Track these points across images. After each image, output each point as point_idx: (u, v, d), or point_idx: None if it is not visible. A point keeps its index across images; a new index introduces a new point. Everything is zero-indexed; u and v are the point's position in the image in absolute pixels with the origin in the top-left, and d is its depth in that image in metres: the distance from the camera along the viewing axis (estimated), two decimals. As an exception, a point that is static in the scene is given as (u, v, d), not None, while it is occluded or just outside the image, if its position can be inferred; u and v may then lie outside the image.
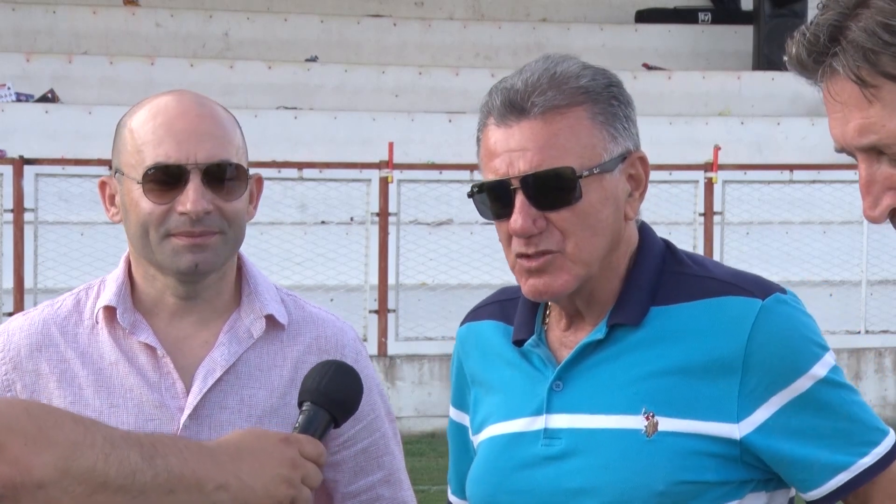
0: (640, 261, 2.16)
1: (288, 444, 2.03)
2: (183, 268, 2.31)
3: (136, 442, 1.89)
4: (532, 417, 2.16)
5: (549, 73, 2.12)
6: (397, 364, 11.86)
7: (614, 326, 2.13)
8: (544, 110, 2.09)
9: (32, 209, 11.50)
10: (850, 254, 13.28)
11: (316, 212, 13.08)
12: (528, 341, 2.20)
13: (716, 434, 2.08)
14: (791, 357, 2.08)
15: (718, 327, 2.09)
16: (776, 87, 16.98)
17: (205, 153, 2.29)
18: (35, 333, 2.38)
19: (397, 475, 2.48)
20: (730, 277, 2.14)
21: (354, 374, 2.19)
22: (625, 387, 2.11)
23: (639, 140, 2.17)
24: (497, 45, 17.25)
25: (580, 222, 2.09)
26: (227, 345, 2.35)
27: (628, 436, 2.09)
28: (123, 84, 15.02)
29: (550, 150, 2.08)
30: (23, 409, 1.84)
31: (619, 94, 2.14)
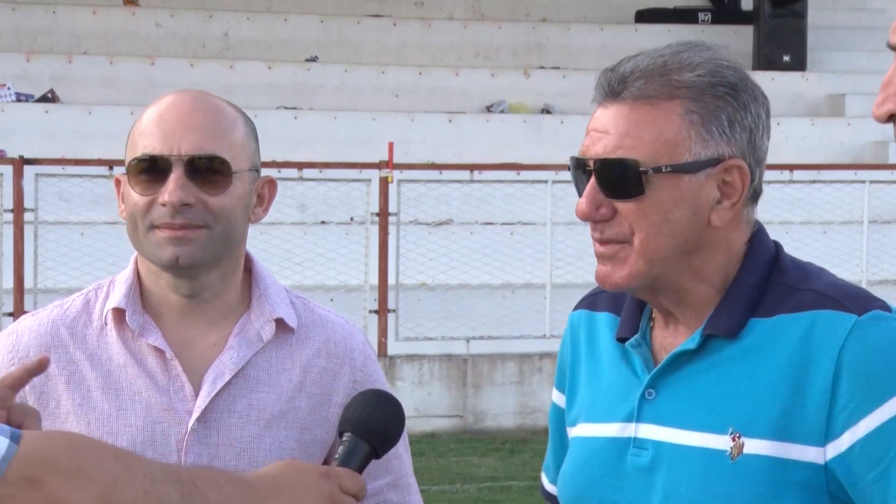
0: (746, 269, 2.07)
1: (328, 479, 1.99)
2: (164, 260, 2.29)
3: (176, 478, 1.86)
4: (624, 424, 2.11)
5: (662, 60, 2.05)
6: (397, 364, 11.86)
7: (709, 337, 2.06)
8: (635, 97, 2.03)
9: (32, 209, 11.50)
10: (850, 254, 13.27)
11: (316, 212, 13.07)
12: (630, 340, 2.14)
13: (801, 458, 1.99)
14: (884, 377, 1.97)
15: (810, 342, 2.00)
16: (776, 87, 16.97)
17: (189, 145, 2.28)
18: (44, 334, 2.37)
19: (405, 479, 2.47)
20: (830, 290, 2.04)
21: (396, 403, 2.15)
22: (714, 402, 2.04)
23: (755, 150, 2.06)
24: (497, 45, 17.24)
25: (645, 217, 2.02)
26: (236, 348, 2.34)
27: (712, 456, 2.02)
28: (123, 84, 15.02)
29: (627, 138, 2.02)
30: (65, 444, 1.82)
31: (734, 97, 2.04)
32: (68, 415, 2.33)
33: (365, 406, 2.11)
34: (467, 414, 11.93)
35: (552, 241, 12.19)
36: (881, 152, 15.99)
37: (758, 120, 2.07)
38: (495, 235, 13.02)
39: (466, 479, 10.03)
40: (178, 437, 2.30)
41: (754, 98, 2.07)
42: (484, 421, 11.84)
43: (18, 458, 1.76)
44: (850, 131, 16.33)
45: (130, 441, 2.29)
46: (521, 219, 12.96)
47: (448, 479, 10.00)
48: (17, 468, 1.76)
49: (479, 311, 12.51)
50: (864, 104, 16.78)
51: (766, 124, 2.09)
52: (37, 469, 1.77)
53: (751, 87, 2.08)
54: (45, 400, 2.34)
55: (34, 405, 2.33)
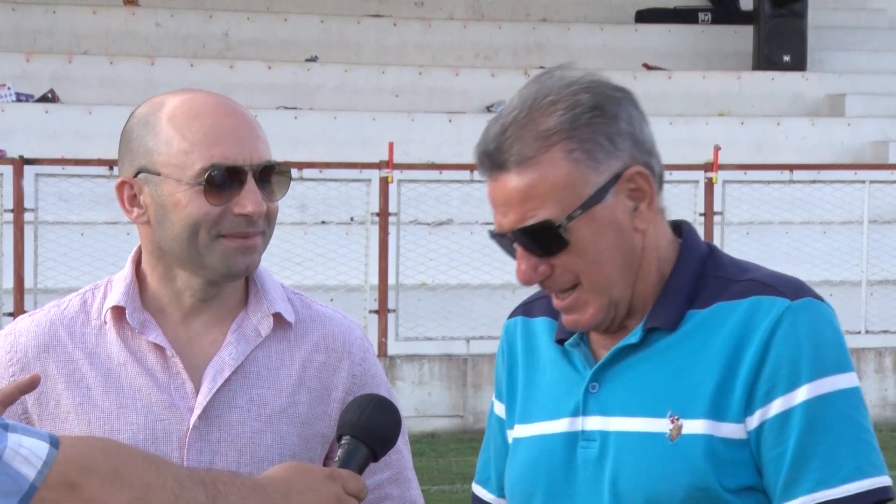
0: (679, 266, 2.14)
1: (333, 481, 2.05)
2: (235, 271, 2.29)
3: (200, 481, 1.91)
4: (571, 418, 2.16)
5: (524, 112, 2.09)
6: (397, 364, 11.86)
7: (650, 330, 2.13)
8: (516, 163, 2.08)
9: (32, 209, 11.50)
10: (850, 254, 13.28)
11: (316, 212, 13.08)
12: (568, 340, 2.20)
13: (731, 436, 2.07)
14: (804, 363, 2.05)
15: (745, 326, 2.08)
16: (776, 87, 16.98)
17: (258, 154, 2.28)
18: (42, 334, 2.36)
19: (405, 474, 2.47)
20: (767, 279, 2.12)
21: (393, 408, 2.19)
22: (654, 389, 2.11)
23: (641, 147, 2.12)
24: (497, 45, 17.24)
25: (581, 260, 2.09)
26: (235, 344, 2.34)
27: (653, 439, 2.09)
28: (123, 84, 15.02)
29: (528, 203, 2.08)
30: (99, 449, 1.86)
31: (601, 115, 2.09)
32: (68, 414, 2.32)
33: (363, 410, 2.15)
34: (467, 414, 11.93)
35: (552, 241, 12.19)
36: (881, 152, 15.99)
37: (631, 119, 2.12)
38: (495, 235, 12.99)
39: (466, 478, 10.03)
40: (180, 435, 2.30)
41: (617, 102, 2.12)
42: (484, 421, 11.81)
43: (59, 463, 1.80)
44: (850, 131, 16.33)
45: (132, 439, 2.28)
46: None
47: (448, 479, 10.00)
48: (58, 472, 1.80)
49: (480, 311, 12.51)
50: (864, 104, 16.79)
51: (638, 116, 2.14)
52: (75, 473, 1.81)
53: (609, 94, 2.12)
54: (44, 400, 2.33)
55: (33, 406, 2.33)
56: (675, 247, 2.17)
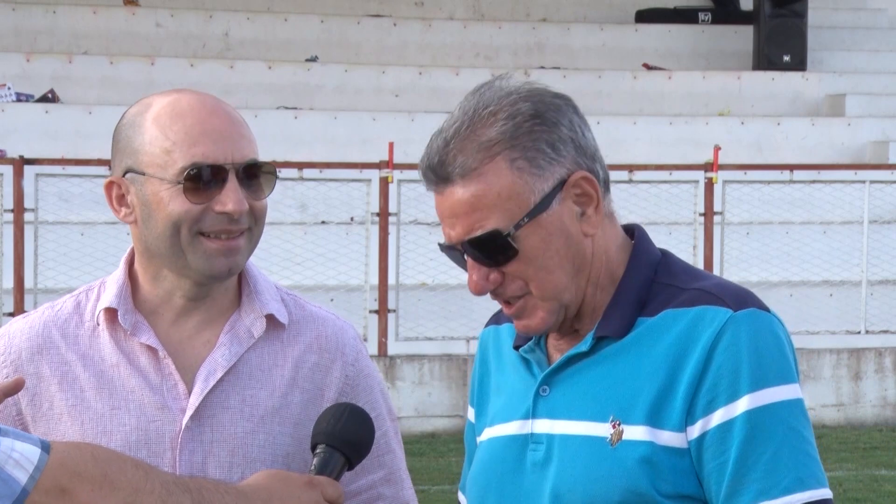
0: (630, 271, 2.16)
1: (312, 488, 2.09)
2: (216, 272, 2.30)
3: (186, 488, 1.95)
4: (522, 421, 2.19)
5: (465, 124, 2.10)
6: (397, 364, 11.87)
7: (601, 338, 2.14)
8: (461, 174, 2.10)
9: (32, 209, 11.50)
10: (850, 254, 13.27)
11: (316, 212, 13.08)
12: (524, 346, 2.22)
13: (670, 444, 2.07)
14: (745, 373, 2.05)
15: (688, 335, 2.08)
16: (776, 87, 16.98)
17: (240, 152, 2.29)
18: (35, 336, 2.36)
19: (398, 474, 2.47)
20: (713, 288, 2.12)
21: (367, 417, 2.23)
22: (598, 393, 2.12)
23: (583, 153, 2.11)
24: (497, 45, 17.24)
25: (530, 268, 2.10)
26: (227, 345, 2.34)
27: (595, 443, 2.10)
28: (124, 84, 15.02)
29: (475, 214, 2.09)
30: (89, 454, 1.88)
31: (541, 122, 2.09)
32: (62, 415, 2.32)
33: (338, 419, 2.19)
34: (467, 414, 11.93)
35: (552, 241, 12.19)
36: (881, 152, 15.99)
37: (573, 125, 2.13)
38: (495, 235, 12.99)
39: (466, 479, 10.03)
40: (172, 435, 2.30)
41: (557, 109, 2.12)
42: (484, 421, 11.84)
43: (50, 468, 1.81)
44: (850, 131, 16.32)
45: (124, 440, 2.29)
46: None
47: (448, 479, 10.00)
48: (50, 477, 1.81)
49: (480, 311, 12.50)
50: (864, 104, 16.78)
51: (579, 121, 2.14)
52: (66, 478, 1.84)
53: (549, 102, 2.12)
54: (37, 402, 2.34)
55: (27, 408, 2.34)
56: (627, 250, 2.18)
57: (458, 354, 12.12)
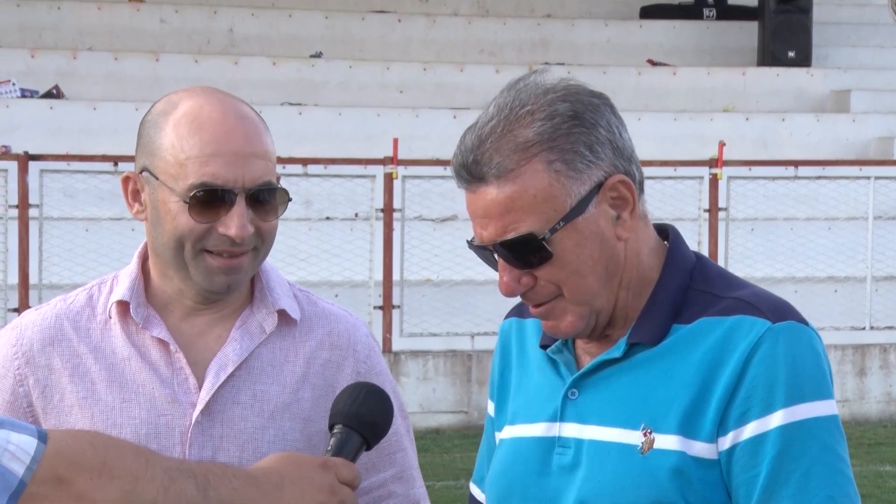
0: (665, 277, 2.12)
1: (326, 470, 2.04)
2: (215, 288, 2.30)
3: (191, 473, 1.91)
4: (549, 423, 2.15)
5: (501, 123, 2.05)
6: (402, 360, 11.87)
7: (634, 344, 2.11)
8: (496, 175, 2.05)
9: (37, 205, 11.51)
10: (855, 250, 13.26)
11: (321, 208, 13.08)
12: (551, 346, 2.18)
13: (701, 455, 2.04)
14: (781, 387, 2.02)
15: (724, 345, 2.05)
16: (781, 83, 16.96)
17: (251, 176, 2.26)
18: (48, 328, 2.37)
19: (410, 472, 2.47)
20: (751, 298, 2.08)
21: (385, 396, 2.19)
22: (630, 400, 2.09)
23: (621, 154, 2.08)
24: (502, 41, 17.24)
25: (563, 272, 2.07)
26: (239, 340, 2.35)
27: (625, 451, 2.07)
28: (128, 80, 15.02)
29: (509, 215, 2.05)
30: (87, 442, 1.86)
31: (579, 124, 2.05)
32: (72, 408, 2.33)
33: (355, 399, 2.15)
34: (472, 410, 11.93)
35: (557, 237, 12.18)
36: (886, 148, 15.98)
37: (611, 126, 2.09)
38: (500, 231, 12.98)
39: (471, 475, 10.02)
40: (182, 430, 2.30)
41: (595, 109, 2.08)
42: (488, 417, 11.84)
43: (47, 457, 1.79)
44: (855, 127, 16.31)
45: (134, 433, 2.29)
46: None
47: (452, 475, 10.01)
48: (46, 467, 1.79)
49: (484, 306, 12.50)
50: (868, 100, 16.77)
51: (616, 122, 2.10)
52: (63, 467, 1.81)
53: (587, 102, 2.08)
54: (49, 394, 2.34)
55: (38, 400, 2.34)
56: (661, 253, 2.15)
57: (462, 350, 12.12)
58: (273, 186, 2.29)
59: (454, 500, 9.23)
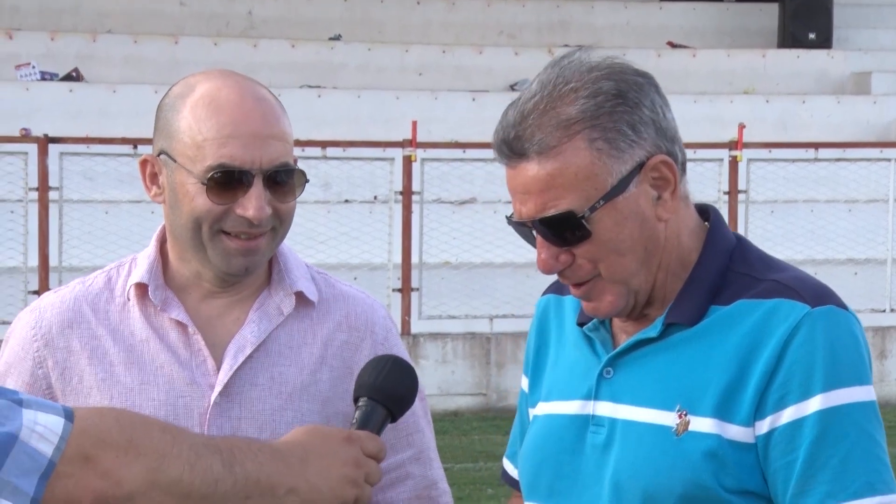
0: (704, 258, 2.11)
1: (351, 444, 2.04)
2: (233, 271, 2.31)
3: (216, 449, 1.91)
4: (584, 401, 2.15)
5: (544, 99, 2.05)
6: (421, 342, 11.88)
7: (671, 325, 2.10)
8: (538, 152, 2.04)
9: (57, 188, 11.53)
10: (875, 232, 13.22)
11: (339, 190, 13.09)
12: (588, 324, 2.18)
13: (737, 439, 2.04)
14: (819, 372, 2.01)
15: (762, 328, 2.04)
16: (801, 65, 16.90)
17: (269, 157, 2.27)
18: (66, 310, 2.38)
19: (427, 453, 2.47)
20: (791, 281, 2.07)
21: (410, 369, 2.19)
22: (666, 381, 2.08)
23: (664, 134, 2.07)
24: (521, 23, 17.20)
25: (602, 251, 2.06)
26: (257, 322, 2.35)
27: (659, 432, 2.06)
28: (148, 63, 15.04)
29: (550, 192, 2.04)
30: (113, 420, 1.86)
31: (623, 102, 2.04)
32: (91, 390, 2.34)
33: (380, 371, 2.14)
34: (490, 392, 11.94)
35: (576, 220, 12.16)
36: (907, 130, 15.91)
37: (654, 105, 2.08)
38: (519, 214, 12.97)
39: (489, 457, 10.05)
40: (201, 411, 2.31)
41: (640, 88, 2.07)
42: (507, 399, 11.85)
43: (74, 436, 1.80)
44: (876, 109, 16.24)
45: (153, 415, 2.27)
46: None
47: (471, 458, 10.02)
48: (74, 445, 1.80)
49: (503, 289, 12.51)
50: (890, 82, 16.69)
51: (660, 102, 2.09)
52: (90, 445, 1.81)
53: (631, 81, 2.07)
54: (67, 376, 2.35)
55: (57, 381, 2.35)
56: (701, 234, 2.14)
57: (481, 333, 12.13)
58: (290, 167, 2.29)
59: (473, 482, 9.24)
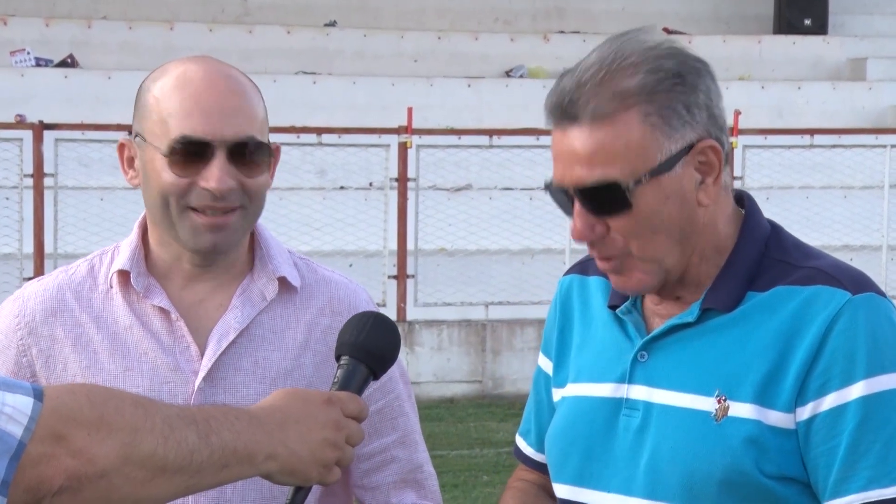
0: (741, 245, 2.11)
1: (331, 406, 2.01)
2: (201, 247, 2.31)
3: (191, 420, 1.89)
4: (616, 384, 2.15)
5: (603, 70, 2.04)
6: (416, 329, 11.88)
7: (707, 310, 2.10)
8: (591, 118, 2.04)
9: (52, 174, 11.52)
10: (870, 218, 13.23)
11: (335, 177, 13.07)
12: (621, 307, 2.18)
13: (778, 425, 2.03)
14: (862, 358, 2.01)
15: (802, 315, 2.04)
16: (797, 51, 16.89)
17: (232, 130, 2.27)
18: (49, 299, 2.38)
19: (412, 437, 2.47)
20: (830, 269, 2.08)
21: (392, 325, 2.16)
22: (704, 366, 2.08)
23: (716, 122, 2.09)
24: (517, 9, 17.18)
25: (638, 226, 2.05)
26: (240, 307, 2.36)
27: (698, 417, 2.06)
28: (143, 49, 15.01)
29: (597, 159, 2.03)
30: (84, 397, 1.83)
31: (682, 83, 2.05)
32: (75, 377, 2.34)
33: (361, 329, 2.12)
34: (486, 379, 11.95)
35: (571, 207, 12.16)
36: (903, 117, 15.90)
37: (709, 92, 2.09)
38: (514, 201, 13.00)
39: (485, 443, 10.06)
40: (185, 397, 2.32)
41: (698, 73, 2.09)
42: (503, 386, 11.86)
43: (44, 416, 1.77)
44: (872, 95, 16.24)
45: None
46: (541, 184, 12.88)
47: (467, 444, 10.03)
48: (44, 426, 1.77)
49: (498, 276, 12.51)
50: (885, 68, 16.69)
51: (716, 91, 2.11)
52: (61, 425, 1.79)
53: (691, 64, 2.09)
54: (52, 364, 2.36)
55: (41, 370, 2.36)
56: (737, 221, 2.14)
57: (476, 320, 12.13)
58: (256, 141, 2.29)
59: (468, 468, 9.25)
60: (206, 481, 1.89)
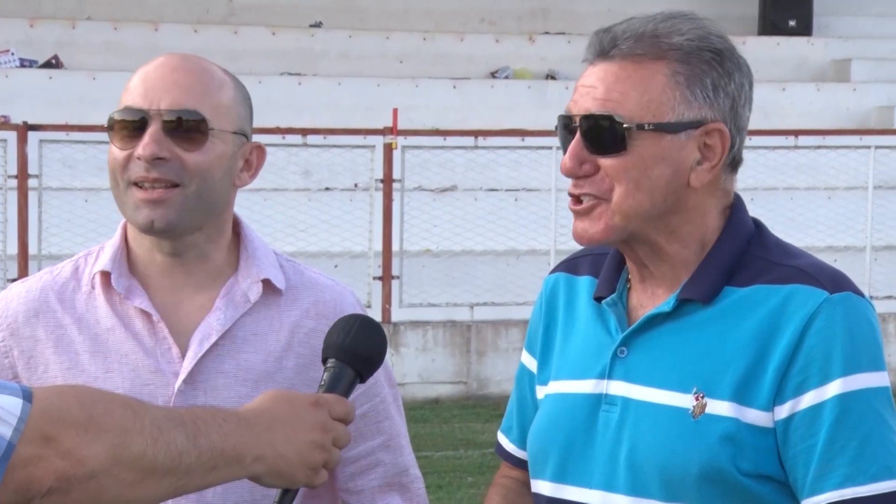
0: (724, 238, 2.13)
1: (318, 408, 2.03)
2: (140, 223, 2.30)
3: (179, 421, 1.89)
4: (597, 380, 2.16)
5: (653, 24, 2.10)
6: (401, 331, 11.88)
7: (684, 301, 2.11)
8: (624, 56, 2.08)
9: (37, 175, 11.49)
10: (854, 219, 13.26)
11: (320, 178, 13.07)
12: (606, 299, 2.19)
13: (755, 423, 2.05)
14: (838, 357, 2.03)
15: (781, 314, 2.05)
16: (781, 52, 16.92)
17: (168, 101, 2.28)
18: (32, 300, 2.38)
19: (398, 440, 2.47)
20: (808, 268, 2.09)
21: (378, 328, 2.17)
22: (682, 363, 2.09)
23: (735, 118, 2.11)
24: (502, 10, 17.18)
25: (626, 173, 2.07)
26: (223, 309, 2.35)
27: (675, 414, 2.07)
28: (127, 50, 14.99)
29: (613, 93, 2.07)
30: (73, 398, 1.83)
31: (720, 64, 2.09)
32: (56, 378, 2.34)
33: (348, 332, 2.12)
34: (471, 380, 11.95)
35: (556, 208, 12.18)
36: (886, 118, 15.95)
37: (741, 89, 2.12)
38: (499, 202, 13.01)
39: (470, 444, 10.06)
40: (166, 399, 2.31)
41: (739, 67, 2.12)
42: (487, 387, 11.86)
43: (33, 417, 1.77)
44: (856, 96, 16.28)
45: None
46: (526, 185, 12.95)
47: (451, 445, 10.03)
48: (33, 427, 1.77)
49: (483, 277, 12.51)
50: (869, 69, 16.73)
51: (748, 95, 2.14)
52: (50, 426, 1.79)
53: (737, 57, 2.13)
54: (33, 364, 2.36)
55: (23, 371, 2.36)
56: (723, 218, 2.15)
57: (461, 321, 12.13)
58: (193, 113, 2.29)
59: (453, 469, 9.25)
60: (194, 483, 1.89)
